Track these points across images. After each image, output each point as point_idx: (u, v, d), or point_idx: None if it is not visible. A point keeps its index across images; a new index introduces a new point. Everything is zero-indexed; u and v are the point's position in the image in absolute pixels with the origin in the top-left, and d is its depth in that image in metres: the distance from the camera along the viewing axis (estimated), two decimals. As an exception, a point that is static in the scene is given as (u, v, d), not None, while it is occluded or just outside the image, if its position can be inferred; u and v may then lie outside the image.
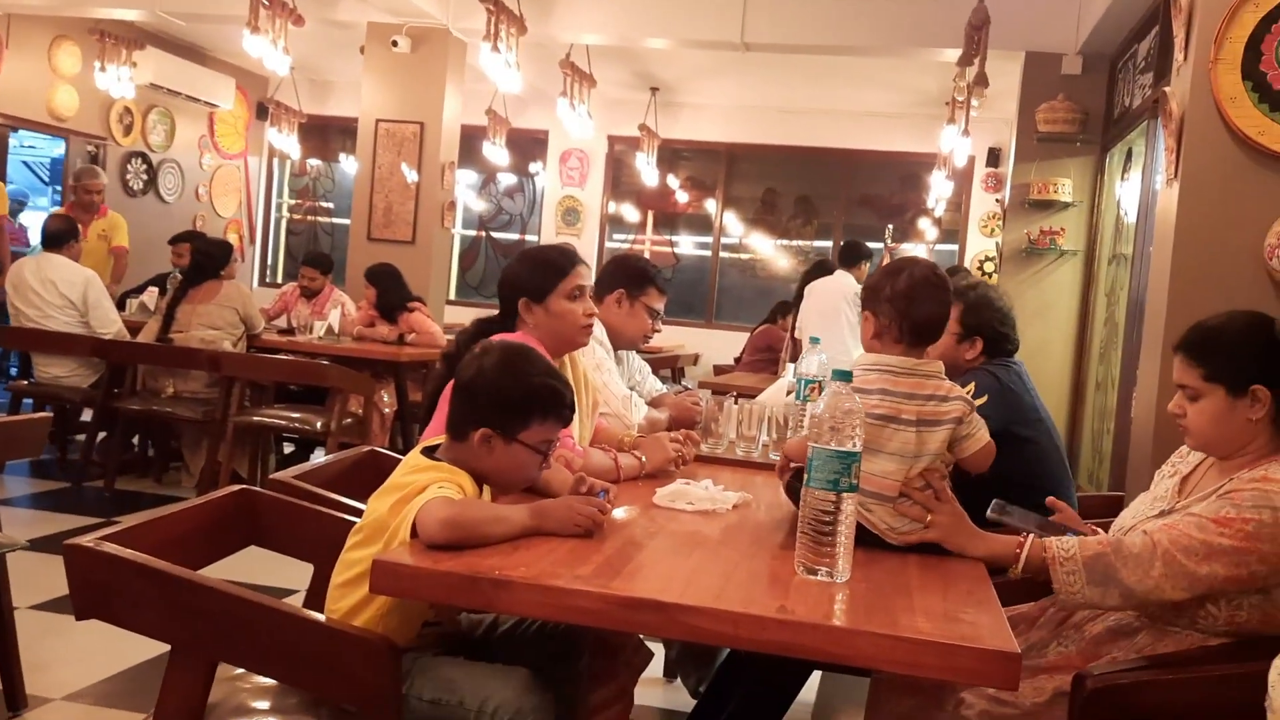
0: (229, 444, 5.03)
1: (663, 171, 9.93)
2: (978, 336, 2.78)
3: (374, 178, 7.41)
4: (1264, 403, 1.83)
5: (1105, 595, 1.75)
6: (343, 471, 2.51)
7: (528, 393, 1.80)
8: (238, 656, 1.76)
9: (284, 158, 10.65)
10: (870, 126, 9.73)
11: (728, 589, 1.53)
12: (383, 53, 7.28)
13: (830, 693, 3.23)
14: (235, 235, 10.61)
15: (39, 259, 5.48)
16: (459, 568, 1.51)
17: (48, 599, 3.48)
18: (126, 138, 9.18)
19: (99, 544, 1.71)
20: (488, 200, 10.99)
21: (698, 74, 9.03)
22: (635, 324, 2.98)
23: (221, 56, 9.69)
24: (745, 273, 10.62)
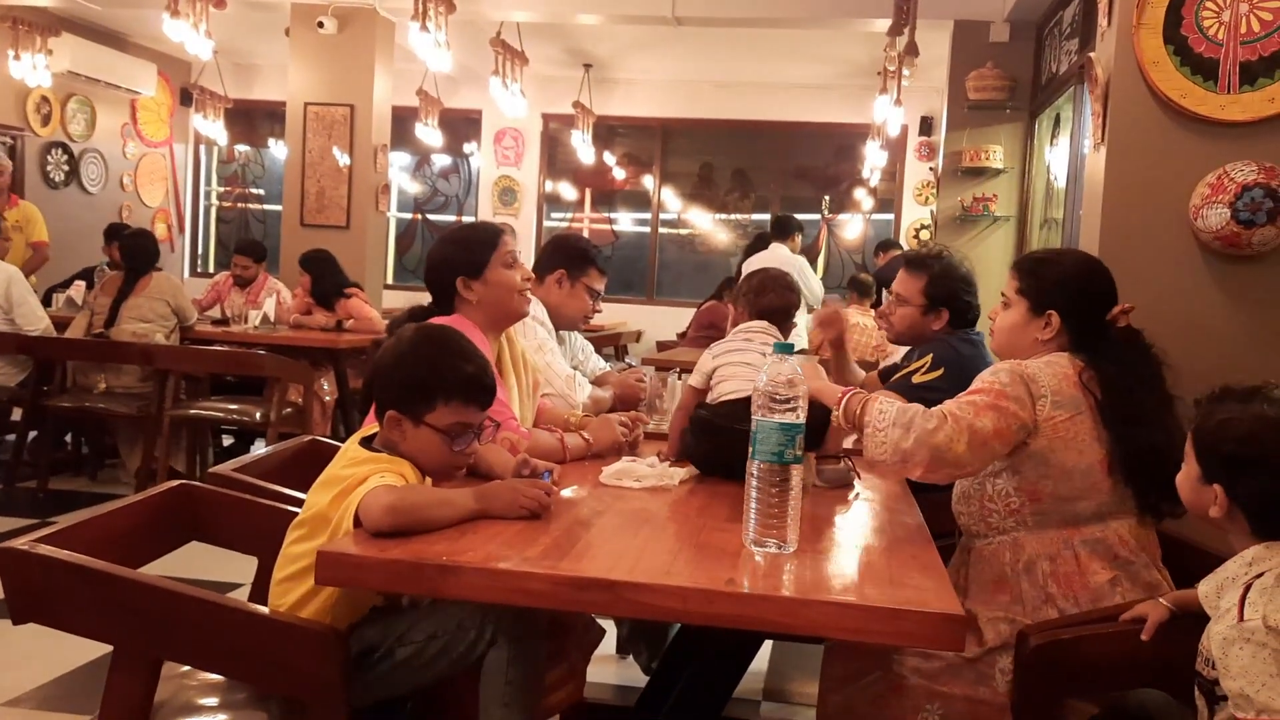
0: (166, 439, 4.93)
1: (599, 149, 9.88)
2: (944, 308, 2.79)
3: (304, 162, 7.28)
4: (1053, 328, 2.04)
5: (904, 437, 1.83)
6: (283, 462, 2.47)
7: (430, 374, 1.76)
8: (183, 654, 1.74)
9: (210, 144, 10.41)
10: (804, 98, 9.77)
11: (676, 564, 1.54)
12: (309, 34, 7.14)
13: (781, 660, 3.27)
14: (163, 225, 10.36)
15: None
16: (405, 555, 1.50)
17: (-18, 605, 3.39)
18: (45, 128, 8.89)
19: (34, 546, 1.67)
20: (422, 182, 10.85)
21: (630, 49, 8.99)
22: (576, 304, 2.98)
23: (141, 42, 9.42)
24: (684, 248, 10.63)
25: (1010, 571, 1.96)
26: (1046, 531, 1.95)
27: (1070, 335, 2.03)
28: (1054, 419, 1.91)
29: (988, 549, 2.01)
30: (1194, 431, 1.66)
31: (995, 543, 2.00)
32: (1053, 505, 1.94)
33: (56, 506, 4.84)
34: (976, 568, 2.02)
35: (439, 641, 1.68)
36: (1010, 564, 1.97)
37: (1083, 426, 1.92)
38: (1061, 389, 1.93)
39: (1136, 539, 1.95)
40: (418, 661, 1.69)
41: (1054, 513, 1.94)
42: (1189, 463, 1.67)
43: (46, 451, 5.20)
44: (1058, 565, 1.93)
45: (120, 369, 5.12)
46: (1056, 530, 1.94)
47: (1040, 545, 1.95)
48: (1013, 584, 1.95)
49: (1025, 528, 1.96)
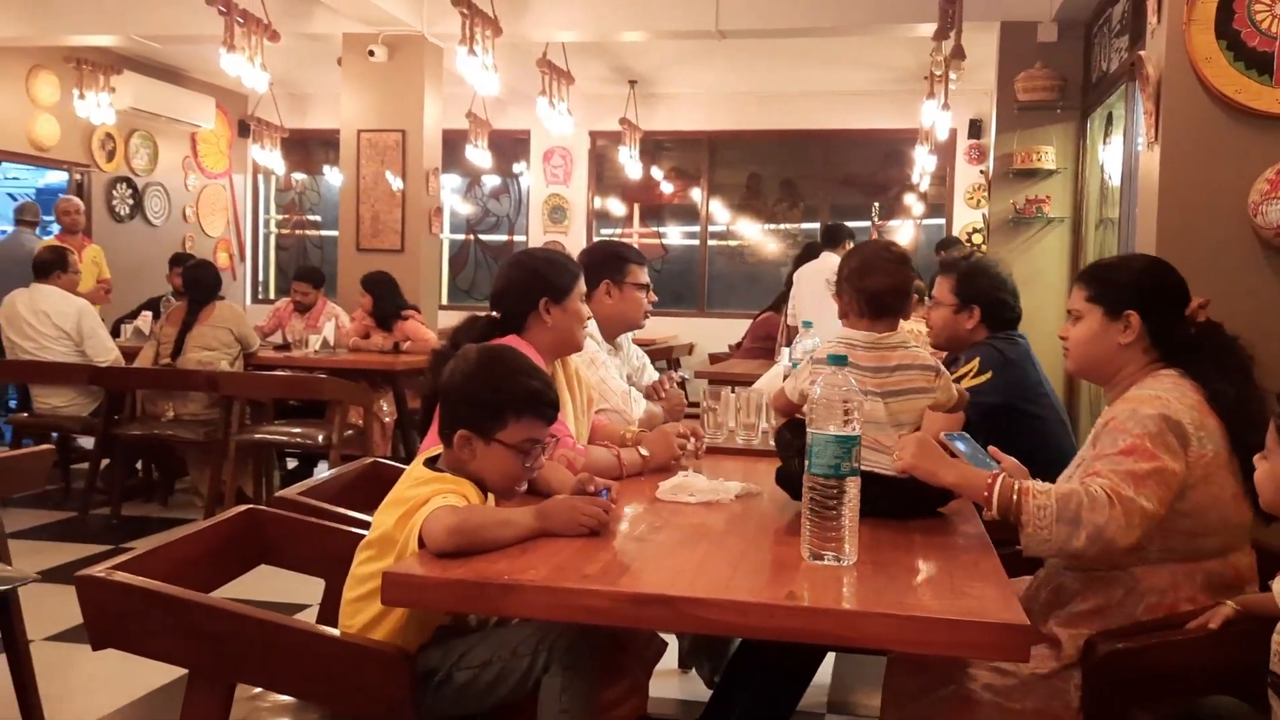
0: (232, 463, 5.05)
1: (646, 164, 9.92)
2: (974, 305, 2.78)
3: (359, 188, 7.41)
4: (1134, 329, 1.93)
5: (1073, 534, 1.70)
6: (347, 484, 2.52)
7: (500, 391, 1.80)
8: (255, 676, 1.77)
9: (268, 174, 10.64)
10: (850, 105, 9.73)
11: (735, 579, 1.55)
12: (360, 63, 7.27)
13: (845, 673, 3.25)
14: (225, 254, 10.60)
15: (31, 291, 5.48)
16: (468, 575, 1.53)
17: (62, 629, 3.49)
18: (110, 163, 9.17)
19: (110, 573, 1.72)
20: (474, 203, 10.98)
21: (675, 64, 9.03)
22: (629, 306, 2.98)
23: (200, 76, 9.68)
24: (734, 259, 10.63)
25: (1114, 605, 1.87)
26: (1166, 566, 1.84)
27: (1151, 336, 1.94)
28: (1203, 457, 1.80)
29: (1096, 581, 1.89)
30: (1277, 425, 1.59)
31: (1108, 576, 1.88)
32: (1182, 542, 1.83)
33: (129, 532, 4.97)
34: (1072, 597, 1.93)
35: (495, 667, 1.71)
36: (1118, 599, 1.86)
37: (1220, 460, 1.82)
38: (1203, 422, 1.82)
39: (1249, 568, 1.87)
40: (475, 686, 1.72)
41: (1181, 549, 1.83)
42: (1273, 458, 1.59)
43: (119, 479, 5.34)
44: (1166, 597, 1.84)
45: (187, 396, 5.25)
46: (1178, 564, 1.84)
47: (1157, 580, 1.84)
48: (1112, 612, 1.86)
49: (1146, 563, 1.84)
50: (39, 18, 7.45)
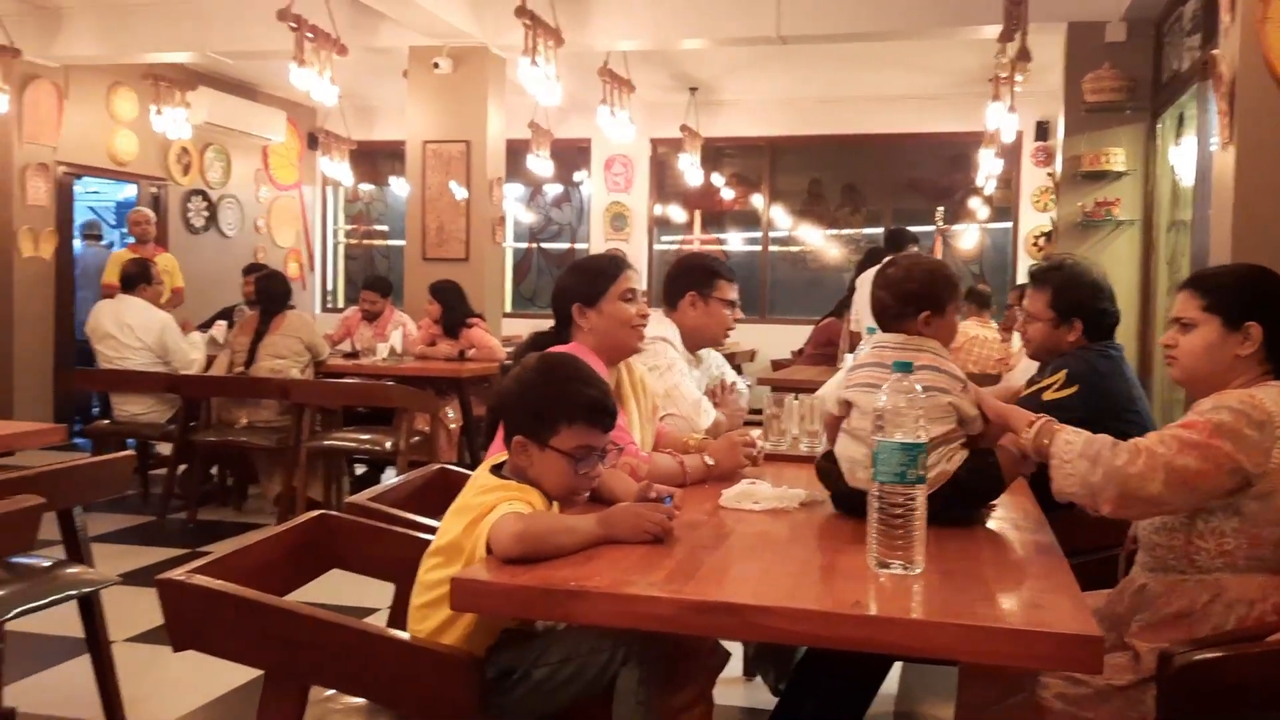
0: (303, 469, 5.15)
1: (707, 170, 9.93)
2: (1076, 318, 2.70)
3: (424, 198, 7.53)
4: (1254, 340, 1.88)
5: (1090, 470, 1.75)
6: (415, 491, 2.56)
7: (553, 397, 1.82)
8: (328, 678, 1.81)
9: (337, 185, 10.86)
10: (913, 109, 9.64)
11: (801, 587, 1.55)
12: (425, 75, 7.39)
13: (912, 682, 3.22)
14: (295, 264, 10.83)
15: (116, 302, 5.69)
16: (534, 581, 1.54)
17: (143, 631, 3.60)
18: (185, 177, 9.43)
19: (190, 577, 1.76)
20: (536, 212, 11.08)
21: (735, 70, 9.02)
22: (714, 320, 3.00)
23: (271, 91, 9.91)
24: (796, 265, 10.58)
25: (1199, 610, 1.83)
26: (1256, 576, 1.80)
27: (1269, 347, 1.89)
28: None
29: (1179, 585, 1.86)
30: None
31: (1191, 581, 1.85)
32: (1272, 551, 1.78)
33: (205, 536, 5.10)
34: (1154, 600, 1.89)
35: (573, 664, 1.72)
36: (1203, 605, 1.83)
37: None
38: None
39: None
40: (552, 684, 1.73)
41: (1271, 559, 1.79)
42: None
43: (195, 484, 5.49)
44: (1255, 609, 1.79)
45: (260, 404, 5.38)
46: (1269, 576, 1.80)
47: (1245, 589, 1.80)
48: (1197, 622, 1.83)
49: (1233, 570, 1.81)
50: (118, 37, 7.70)
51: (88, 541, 2.82)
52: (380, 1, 6.50)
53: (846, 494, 1.98)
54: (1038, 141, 9.37)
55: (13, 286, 7.85)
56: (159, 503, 5.52)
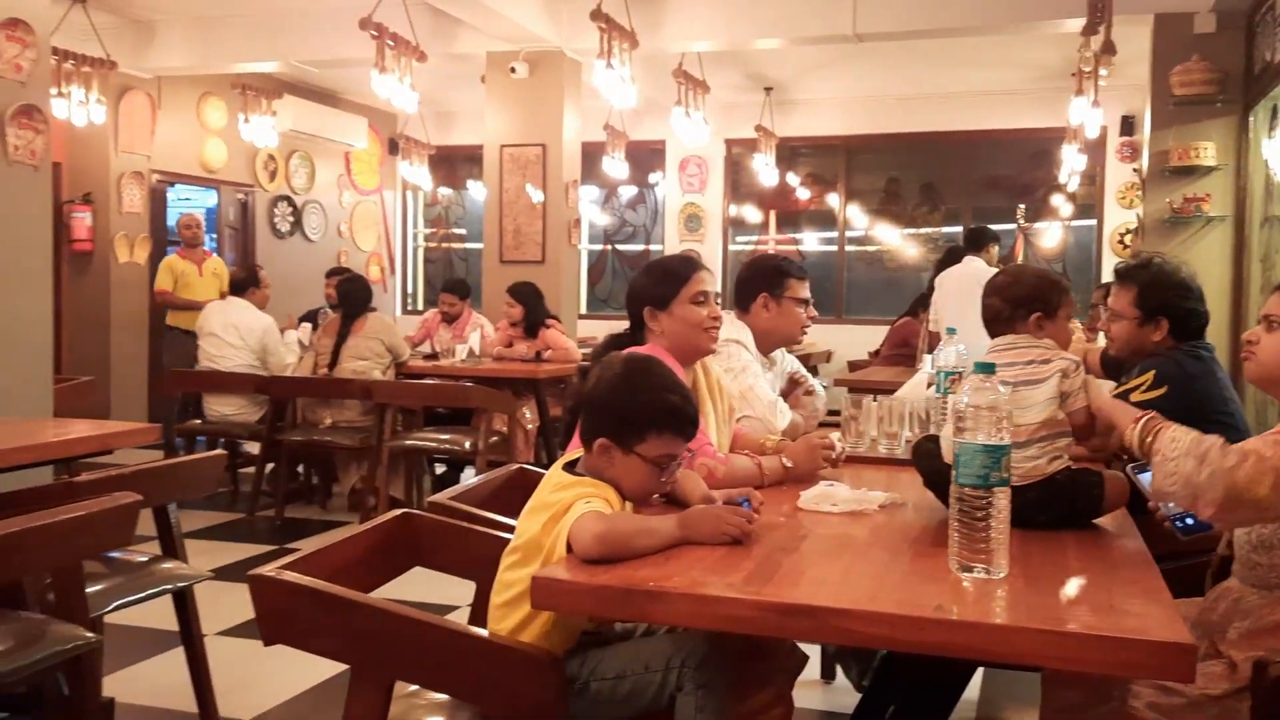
0: (385, 468, 5.26)
1: (782, 170, 9.87)
2: (1161, 317, 2.65)
3: (501, 202, 7.62)
4: None
5: (1196, 470, 1.67)
6: (495, 490, 2.59)
7: (643, 406, 1.81)
8: (412, 674, 1.83)
9: (416, 189, 11.05)
10: (993, 105, 9.47)
11: (881, 590, 1.53)
12: (502, 80, 7.49)
13: (995, 688, 3.17)
14: (376, 267, 11.05)
15: (225, 304, 5.95)
16: (614, 581, 1.55)
17: (234, 625, 3.71)
18: (272, 183, 9.69)
19: (280, 573, 1.81)
20: (611, 214, 11.14)
21: (811, 70, 8.96)
22: (787, 321, 2.97)
23: (353, 98, 10.13)
24: (873, 265, 10.46)
25: None
26: None
27: None
28: None
29: None
30: None
31: None
32: None
33: (291, 533, 5.23)
34: (1254, 610, 1.84)
35: (628, 681, 1.73)
36: None
37: None
38: None
39: None
40: (610, 698, 1.74)
41: None
42: None
43: (282, 482, 5.64)
44: None
45: (343, 404, 5.51)
46: None
47: None
48: None
49: None
50: (209, 48, 7.95)
51: (181, 537, 2.92)
52: (458, 8, 6.60)
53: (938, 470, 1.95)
54: (1123, 137, 9.14)
55: (109, 291, 8.16)
56: (248, 500, 5.68)
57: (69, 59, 7.08)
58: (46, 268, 3.83)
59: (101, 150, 8.10)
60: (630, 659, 1.75)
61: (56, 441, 2.84)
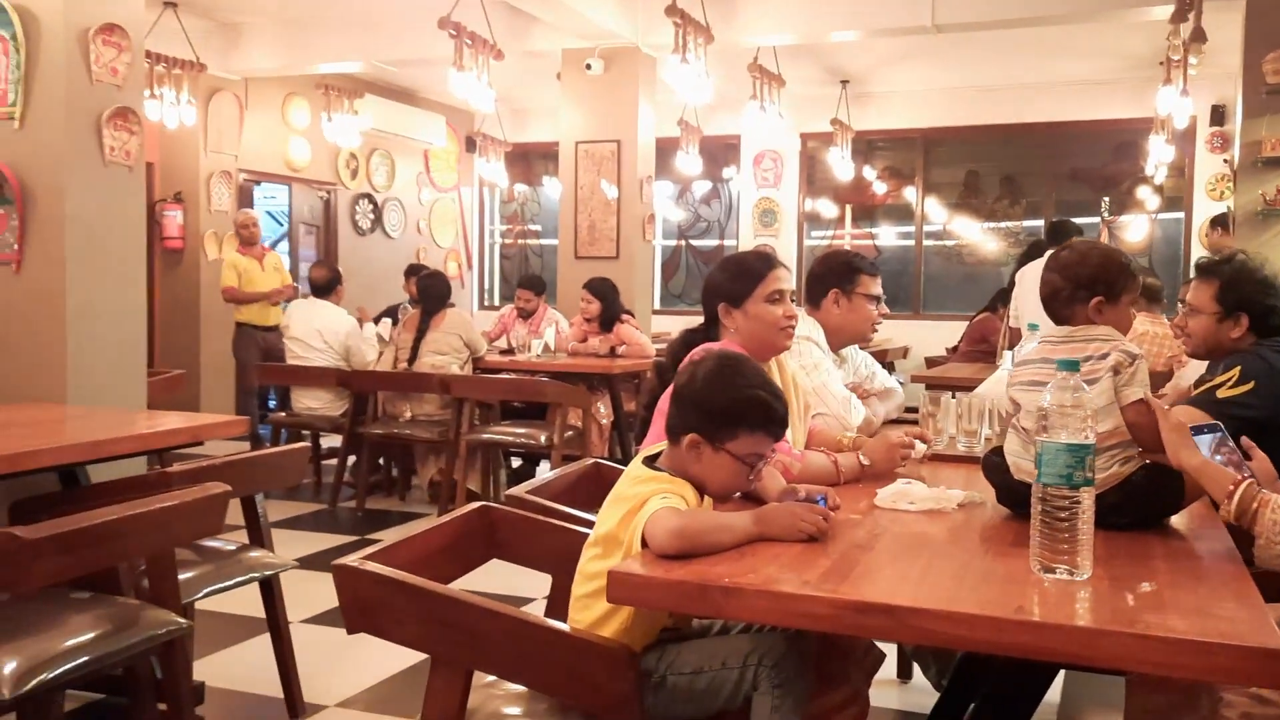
0: (463, 461, 5.34)
1: (858, 164, 9.77)
2: (1241, 313, 2.59)
3: (576, 198, 7.67)
4: None
5: None
6: (570, 484, 2.62)
7: (737, 403, 1.81)
8: (490, 665, 1.86)
9: (493, 186, 11.17)
10: (1076, 96, 9.24)
11: (960, 591, 1.52)
12: (578, 77, 7.53)
13: (1076, 692, 3.10)
14: (454, 263, 11.21)
15: (309, 304, 6.12)
16: (690, 576, 1.56)
17: (318, 613, 3.80)
18: (353, 181, 9.90)
19: (363, 564, 1.85)
20: (685, 209, 11.13)
21: (888, 62, 8.85)
22: (858, 317, 2.95)
23: (432, 97, 10.28)
24: (951, 260, 10.30)
25: None
26: None
27: None
28: None
29: None
30: None
31: None
32: None
33: (372, 524, 5.34)
34: None
35: (704, 677, 1.73)
36: None
37: None
38: None
39: None
40: (687, 693, 1.75)
41: None
42: None
43: (363, 474, 5.76)
44: None
45: (422, 398, 5.61)
46: None
47: None
48: None
49: None
50: (294, 50, 8.14)
51: (269, 527, 3.00)
52: (535, 6, 6.66)
53: (1010, 487, 1.93)
54: (1213, 127, 8.85)
55: (200, 288, 8.41)
56: (330, 491, 5.82)
57: (161, 62, 7.31)
58: (141, 265, 3.96)
59: (192, 150, 8.35)
60: (707, 655, 1.75)
61: (151, 433, 2.94)
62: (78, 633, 2.13)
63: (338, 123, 8.76)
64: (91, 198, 3.71)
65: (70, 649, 2.08)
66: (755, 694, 1.70)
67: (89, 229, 3.70)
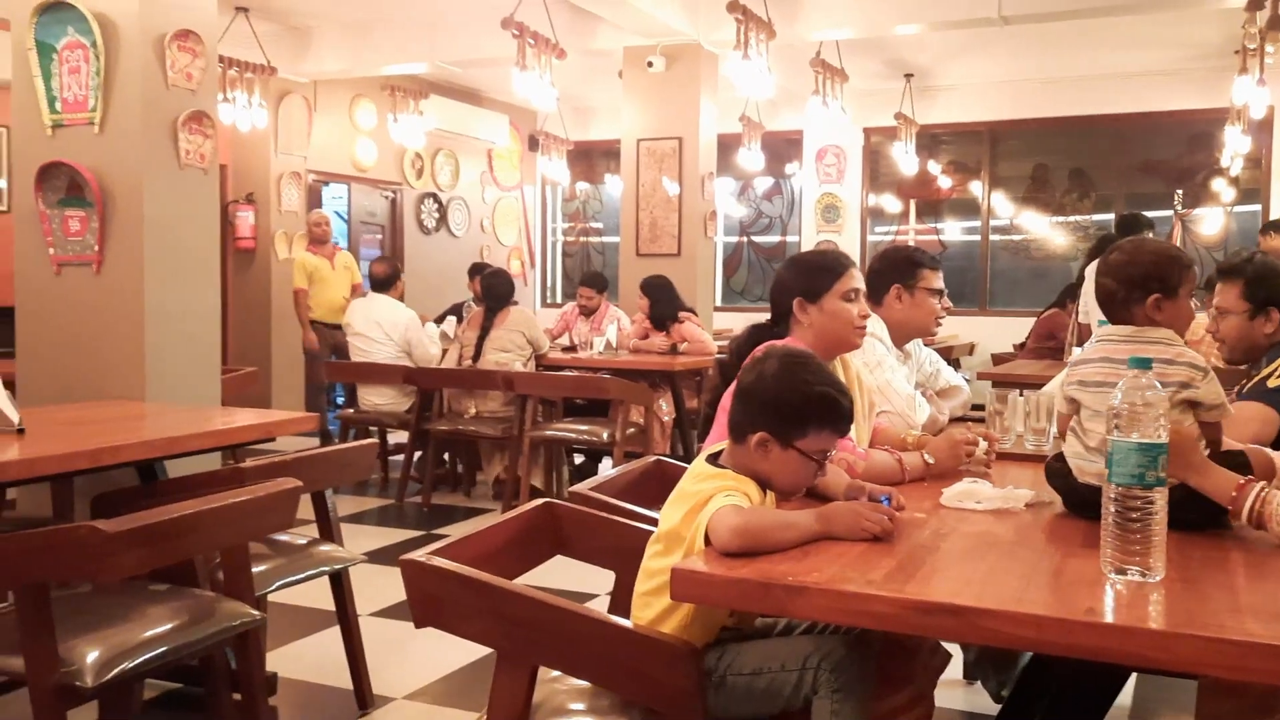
0: (526, 458, 5.39)
1: (922, 158, 9.65)
2: (1271, 307, 2.57)
3: (638, 195, 7.69)
4: None
5: None
6: (633, 481, 2.62)
7: (806, 401, 1.81)
8: (554, 660, 1.88)
9: (555, 184, 11.25)
10: (1147, 87, 9.02)
11: (1028, 591, 1.50)
12: (639, 74, 7.55)
13: (1148, 695, 3.04)
14: (516, 261, 11.31)
15: (369, 300, 6.22)
16: (753, 574, 1.56)
17: (384, 606, 3.87)
18: (419, 181, 10.03)
19: (430, 558, 1.87)
20: (746, 205, 11.09)
21: (953, 55, 8.72)
22: (921, 312, 2.93)
23: (495, 96, 10.38)
24: (1018, 255, 10.12)
25: None
26: None
27: None
28: None
29: None
30: None
31: None
32: None
33: (438, 519, 5.42)
34: None
35: (764, 678, 1.73)
36: None
37: None
38: None
39: None
40: (747, 693, 1.74)
41: None
42: None
43: (428, 470, 5.84)
44: None
45: (486, 395, 5.68)
46: None
47: None
48: None
49: None
50: (361, 52, 8.28)
51: (338, 522, 3.06)
52: (597, 5, 6.68)
53: (1076, 490, 1.90)
54: (1293, 116, 8.58)
55: (270, 286, 8.60)
56: (397, 487, 5.91)
57: (233, 66, 7.48)
58: (215, 265, 4.06)
59: (263, 152, 8.53)
60: (767, 656, 1.75)
61: (225, 429, 3.01)
62: (157, 624, 2.20)
63: (403, 123, 8.89)
64: (168, 200, 3.81)
65: (149, 639, 2.14)
66: (815, 697, 1.69)
67: (166, 230, 3.80)
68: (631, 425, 5.40)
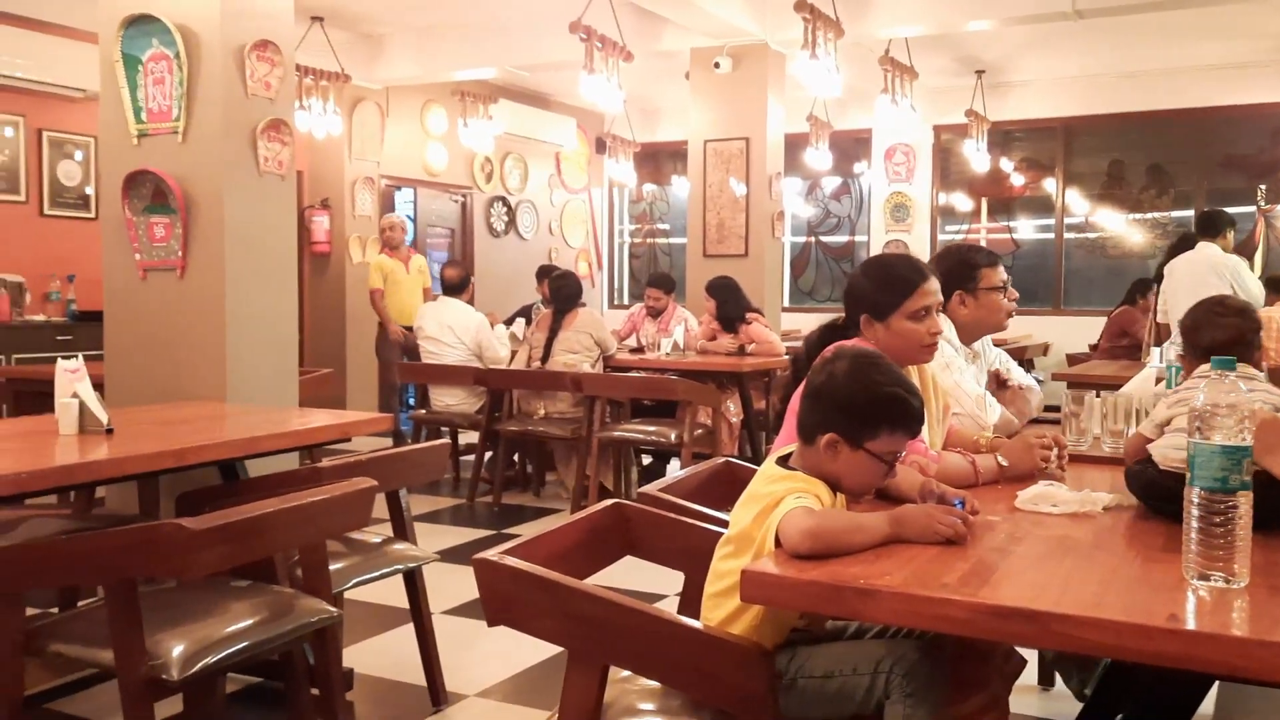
0: (595, 458, 5.42)
1: (994, 156, 9.49)
2: None
3: (705, 196, 7.68)
4: None
5: None
6: (702, 483, 2.63)
7: (877, 402, 1.80)
8: (624, 660, 1.88)
9: (622, 186, 11.29)
10: (1226, 80, 8.77)
11: (1107, 597, 1.47)
12: (706, 75, 7.55)
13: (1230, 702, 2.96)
14: (584, 263, 11.38)
15: (440, 304, 6.32)
16: (824, 577, 1.55)
17: (457, 604, 3.92)
18: (488, 185, 10.15)
19: (502, 558, 1.89)
20: (814, 205, 11.02)
21: (1025, 50, 8.57)
22: (988, 311, 2.86)
23: (562, 100, 10.46)
24: (1094, 252, 9.90)
25: None
26: None
27: None
28: None
29: None
30: None
31: None
32: None
33: (508, 519, 5.48)
34: None
35: (835, 681, 1.72)
36: None
37: None
38: None
39: None
40: (818, 696, 1.74)
41: None
42: None
43: (499, 470, 5.91)
44: None
45: (555, 396, 5.72)
46: None
47: None
48: None
49: None
50: (432, 58, 8.41)
51: (412, 521, 3.12)
52: (664, 6, 6.70)
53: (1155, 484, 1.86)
54: (1387, 106, 8.28)
55: (345, 290, 8.77)
56: (468, 487, 5.99)
57: (309, 74, 7.65)
58: (292, 269, 4.15)
59: (337, 158, 8.71)
60: (839, 659, 1.74)
61: (303, 430, 3.07)
62: (238, 619, 2.26)
63: (473, 128, 9.01)
64: (248, 206, 3.91)
65: (232, 634, 2.20)
66: (887, 702, 1.68)
67: (245, 236, 3.90)
68: (699, 426, 5.40)
